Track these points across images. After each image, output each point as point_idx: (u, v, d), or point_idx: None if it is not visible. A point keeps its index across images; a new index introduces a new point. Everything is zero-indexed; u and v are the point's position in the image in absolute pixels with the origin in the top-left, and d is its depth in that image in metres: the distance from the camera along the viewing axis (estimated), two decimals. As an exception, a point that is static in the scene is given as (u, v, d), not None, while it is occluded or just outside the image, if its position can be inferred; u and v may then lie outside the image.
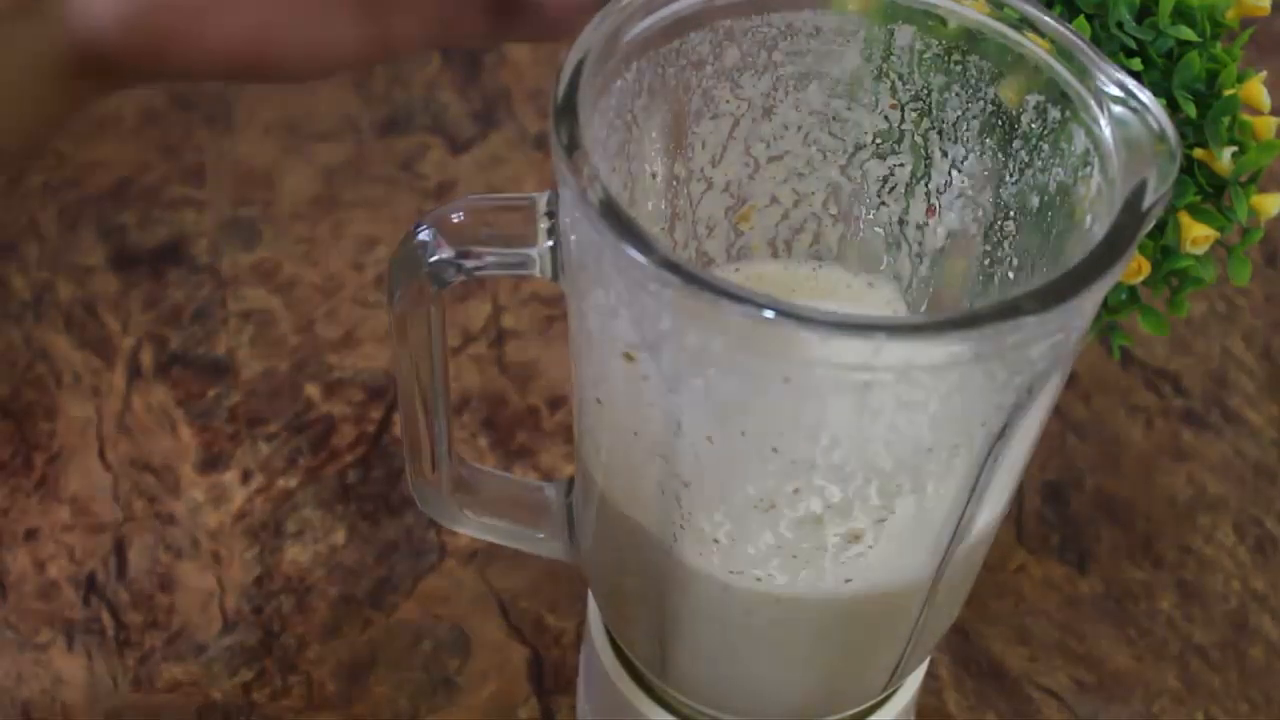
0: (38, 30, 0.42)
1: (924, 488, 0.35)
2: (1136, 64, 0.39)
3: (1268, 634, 0.54)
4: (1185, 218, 0.40)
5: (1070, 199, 0.37)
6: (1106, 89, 0.36)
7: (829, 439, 0.34)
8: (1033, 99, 0.37)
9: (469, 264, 0.37)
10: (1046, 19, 0.37)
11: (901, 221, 0.42)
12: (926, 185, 0.41)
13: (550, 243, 0.36)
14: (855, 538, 0.36)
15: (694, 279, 0.31)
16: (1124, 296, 0.43)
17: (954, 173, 0.40)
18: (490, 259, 0.37)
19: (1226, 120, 0.39)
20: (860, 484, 0.34)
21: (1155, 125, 0.34)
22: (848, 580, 0.37)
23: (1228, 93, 0.39)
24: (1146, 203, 0.33)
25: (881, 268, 0.43)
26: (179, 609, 0.52)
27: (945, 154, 0.40)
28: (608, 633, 0.45)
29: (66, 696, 0.50)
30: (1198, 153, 0.40)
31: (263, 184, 0.66)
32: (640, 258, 0.31)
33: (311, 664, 0.51)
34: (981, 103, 0.39)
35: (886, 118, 0.41)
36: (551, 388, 0.59)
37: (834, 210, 0.42)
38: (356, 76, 0.71)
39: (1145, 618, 0.54)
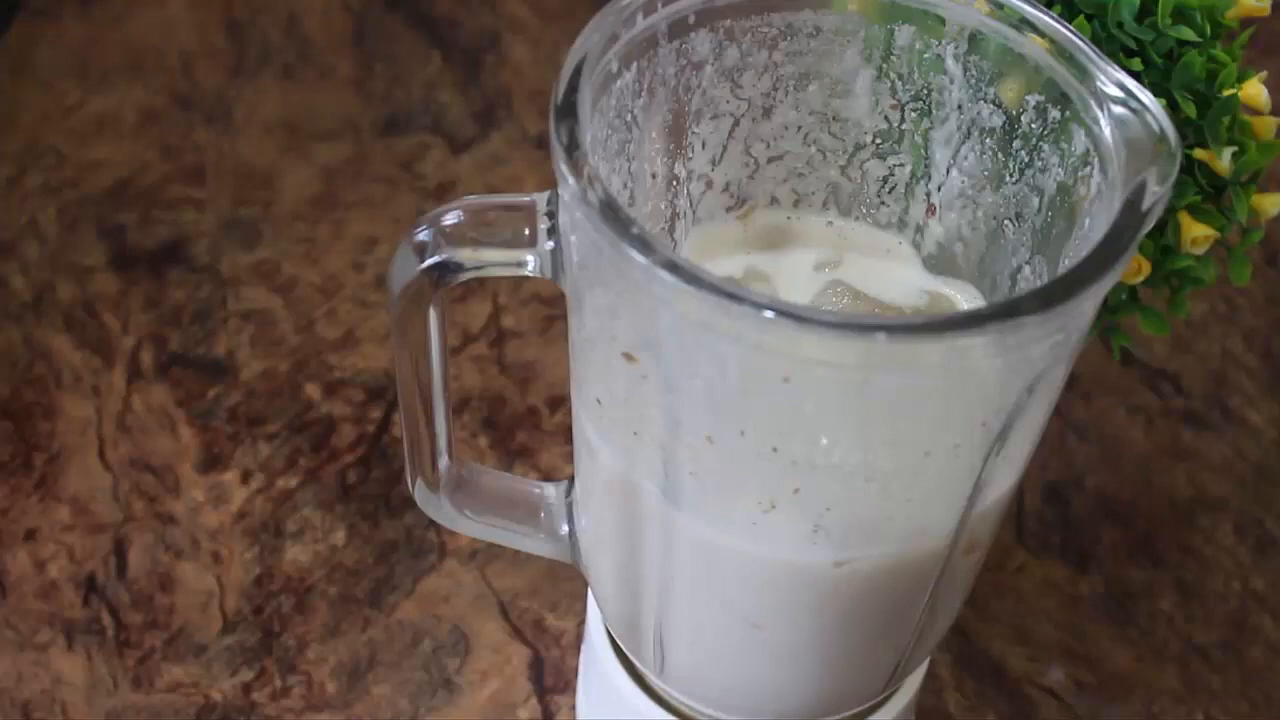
0: None
1: (924, 488, 0.35)
2: (1136, 64, 0.39)
3: (1268, 634, 0.54)
4: (1185, 218, 0.40)
5: (1070, 199, 0.37)
6: (1106, 89, 0.36)
7: (829, 439, 0.34)
8: (1033, 99, 0.37)
9: (469, 264, 0.37)
10: (1046, 19, 0.37)
11: (901, 221, 0.42)
12: (926, 185, 0.41)
13: (550, 243, 0.36)
14: (856, 538, 0.36)
15: (694, 279, 0.31)
16: (1124, 296, 0.43)
17: (954, 173, 0.40)
18: (490, 259, 0.37)
19: (1226, 120, 0.39)
20: (861, 484, 0.34)
21: (1155, 125, 0.35)
22: (849, 581, 0.37)
23: (1228, 93, 0.39)
24: (1146, 203, 0.33)
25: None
26: (179, 609, 0.52)
27: (945, 154, 0.40)
28: (608, 633, 0.45)
29: (66, 696, 0.50)
30: (1198, 153, 0.40)
31: (263, 184, 0.66)
32: (640, 258, 0.31)
33: (311, 664, 0.51)
34: (981, 103, 0.39)
35: (886, 118, 0.41)
36: (551, 388, 0.59)
37: (834, 210, 0.42)
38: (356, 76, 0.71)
39: (1145, 618, 0.54)
